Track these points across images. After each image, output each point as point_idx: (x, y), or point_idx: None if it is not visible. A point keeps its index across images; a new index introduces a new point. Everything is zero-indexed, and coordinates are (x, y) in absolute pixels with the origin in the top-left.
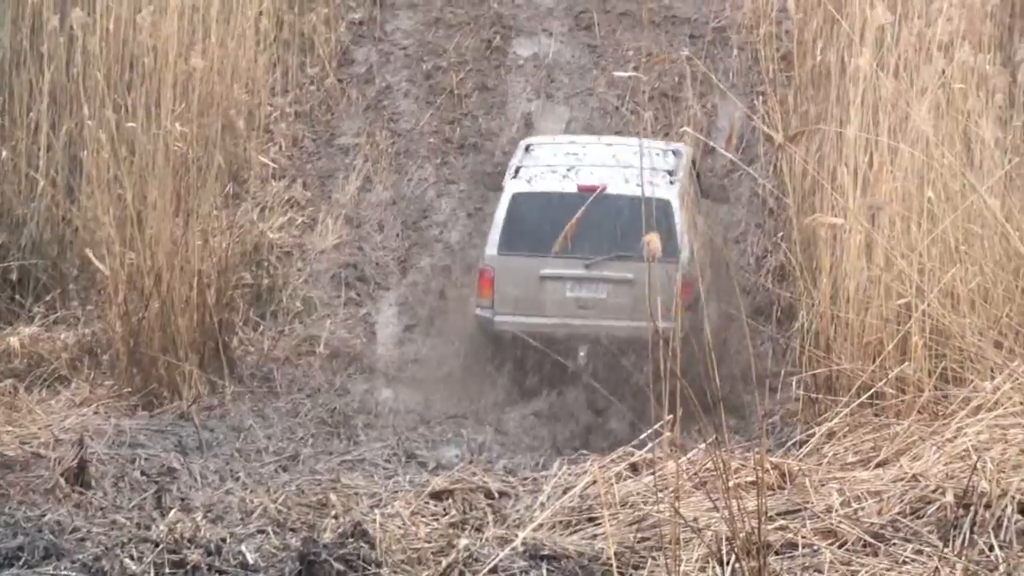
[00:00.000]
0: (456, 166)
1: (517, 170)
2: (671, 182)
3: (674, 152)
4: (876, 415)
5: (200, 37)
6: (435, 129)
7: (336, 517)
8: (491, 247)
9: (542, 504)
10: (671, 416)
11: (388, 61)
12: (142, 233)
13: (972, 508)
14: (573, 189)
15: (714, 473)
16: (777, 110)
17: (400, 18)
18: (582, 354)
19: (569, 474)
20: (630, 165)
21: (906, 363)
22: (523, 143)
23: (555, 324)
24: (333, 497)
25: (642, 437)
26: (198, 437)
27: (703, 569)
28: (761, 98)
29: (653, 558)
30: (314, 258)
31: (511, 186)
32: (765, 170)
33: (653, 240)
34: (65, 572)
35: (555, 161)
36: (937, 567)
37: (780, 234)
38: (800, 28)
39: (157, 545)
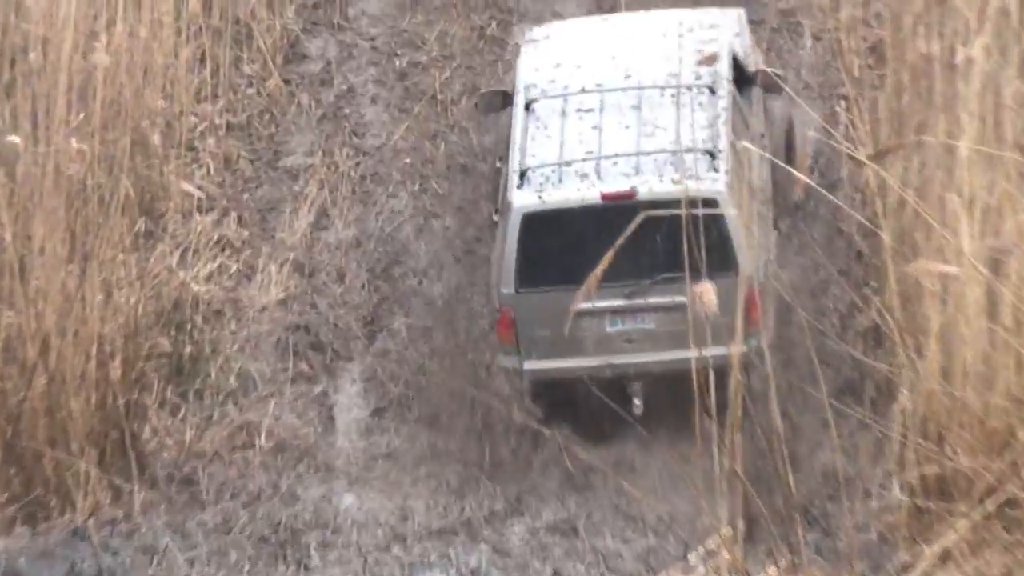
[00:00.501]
0: (439, 194)
1: (523, 147)
2: (713, 153)
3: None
4: (1007, 529)
5: (104, 25)
6: (412, 146)
7: None
8: (506, 284)
9: None
10: (731, 529)
11: (351, 56)
12: (24, 285)
13: None
14: (596, 198)
15: None
16: (865, 119)
17: None
18: (637, 401)
19: None
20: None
21: None
22: (525, 43)
23: (597, 365)
24: None
25: (690, 558)
26: (96, 563)
27: None
28: (843, 103)
29: None
30: (252, 318)
31: (519, 203)
32: (850, 198)
33: (707, 293)
34: None
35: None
36: None
37: (872, 284)
38: (895, 11)
39: None
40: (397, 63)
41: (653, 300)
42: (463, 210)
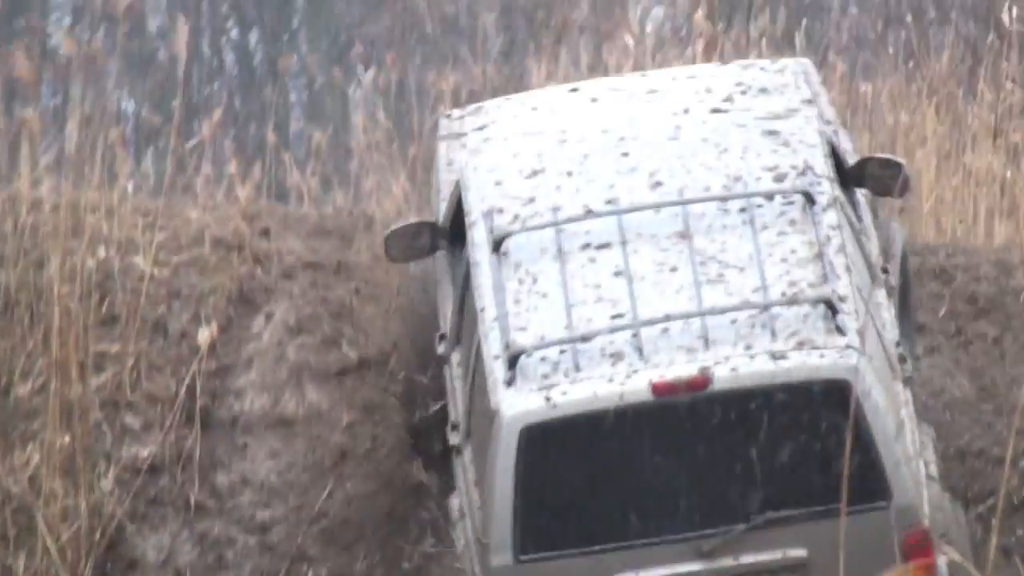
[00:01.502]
0: None
1: (502, 324)
2: (833, 305)
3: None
4: None
5: None
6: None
7: None
8: (499, 550)
9: None
10: None
11: (220, 564)
12: None
13: None
14: (643, 392)
15: None
16: None
17: None
18: None
19: None
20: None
21: None
22: (449, 138)
23: None
24: None
25: None
26: None
27: None
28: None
29: None
30: None
31: (513, 411)
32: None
33: None
34: None
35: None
36: None
37: None
38: None
39: None
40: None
41: (751, 559)
42: None
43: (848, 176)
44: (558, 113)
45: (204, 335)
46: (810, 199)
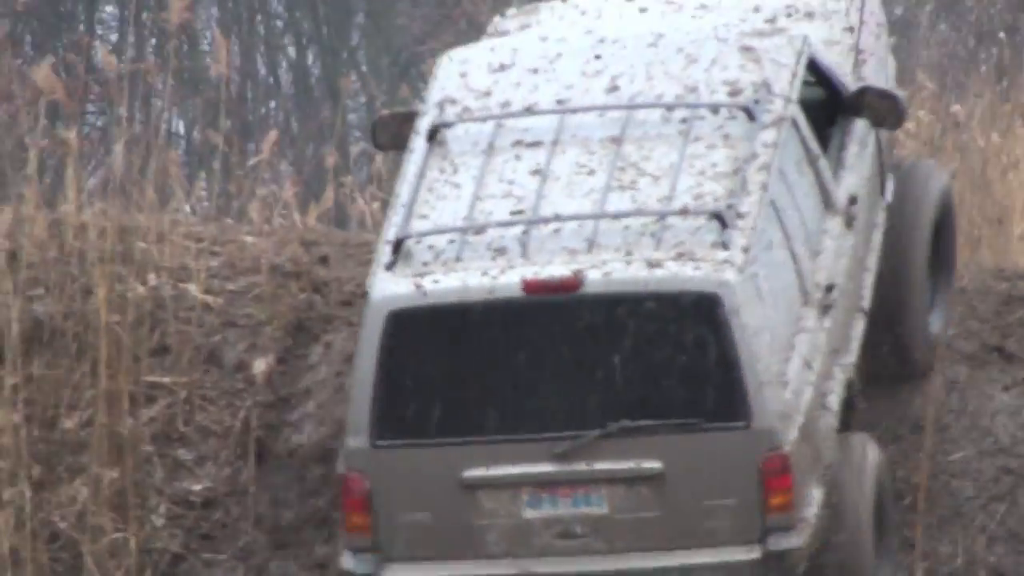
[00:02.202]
0: None
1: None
2: (724, 218)
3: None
4: None
5: None
6: None
7: None
8: (356, 432)
9: None
10: None
11: None
12: None
13: None
14: (513, 289)
15: None
16: None
17: None
18: None
19: None
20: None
21: None
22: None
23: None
24: None
25: None
26: None
27: None
28: None
29: None
30: None
31: (382, 294)
32: None
33: None
34: None
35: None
36: None
37: None
38: None
39: None
40: None
41: (605, 466)
42: None
43: (846, 105)
44: (601, 19)
45: (260, 366)
46: (751, 115)
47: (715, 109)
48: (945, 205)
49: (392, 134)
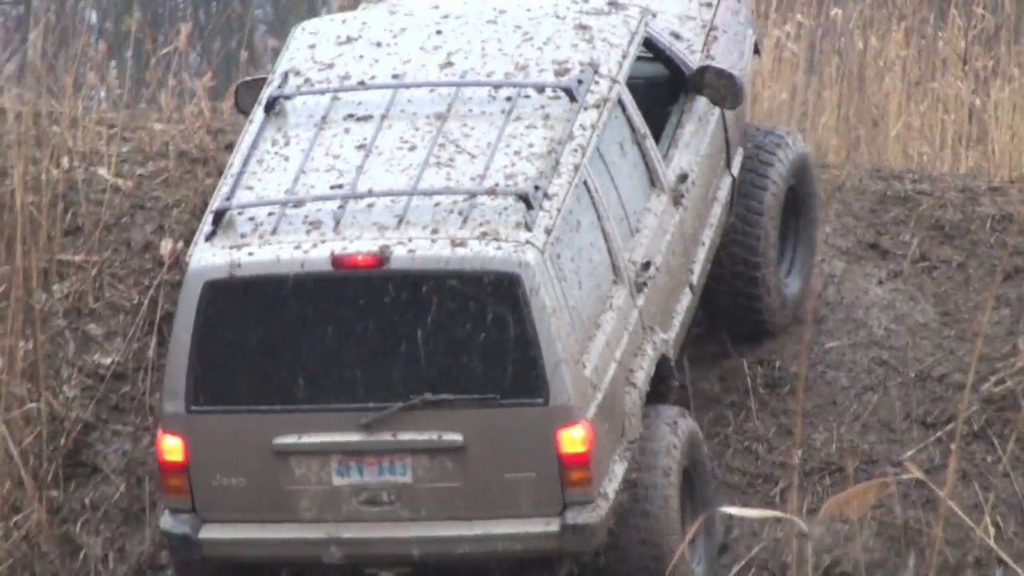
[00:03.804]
0: None
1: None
2: (529, 199)
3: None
4: None
5: None
6: None
7: None
8: (173, 397)
9: None
10: None
11: None
12: None
13: None
14: (322, 263)
15: None
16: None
17: None
18: None
19: None
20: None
21: None
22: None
23: (318, 539)
24: None
25: None
26: None
27: None
28: None
29: None
30: None
31: (199, 264)
32: None
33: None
34: None
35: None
36: None
37: None
38: None
39: None
40: None
41: (408, 436)
42: None
43: (687, 83)
44: None
45: (167, 246)
46: (572, 96)
47: (540, 89)
48: (800, 170)
49: (254, 99)
